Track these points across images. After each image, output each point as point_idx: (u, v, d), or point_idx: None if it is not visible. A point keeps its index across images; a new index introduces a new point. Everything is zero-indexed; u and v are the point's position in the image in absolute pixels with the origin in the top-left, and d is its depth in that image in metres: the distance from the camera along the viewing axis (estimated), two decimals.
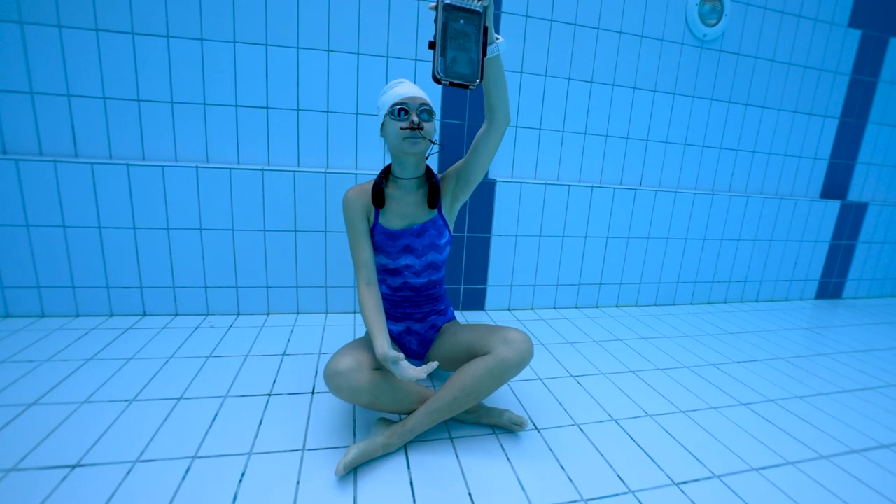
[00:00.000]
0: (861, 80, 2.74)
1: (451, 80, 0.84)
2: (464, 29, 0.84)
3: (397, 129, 1.19)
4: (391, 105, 1.19)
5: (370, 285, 1.25)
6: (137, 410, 1.27)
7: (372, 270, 1.27)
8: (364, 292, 1.24)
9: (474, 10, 0.86)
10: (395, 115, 1.19)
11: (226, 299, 1.98)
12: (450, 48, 0.83)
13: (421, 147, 1.21)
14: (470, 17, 0.85)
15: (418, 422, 1.19)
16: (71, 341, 1.65)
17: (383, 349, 1.11)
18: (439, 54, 0.83)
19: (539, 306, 2.38)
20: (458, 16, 0.84)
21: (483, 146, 1.24)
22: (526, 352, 1.16)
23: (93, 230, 1.80)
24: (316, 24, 1.90)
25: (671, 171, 2.53)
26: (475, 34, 0.86)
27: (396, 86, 1.22)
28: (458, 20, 0.84)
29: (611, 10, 2.21)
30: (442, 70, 0.84)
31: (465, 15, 0.84)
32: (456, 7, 0.84)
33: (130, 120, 1.83)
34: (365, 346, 1.23)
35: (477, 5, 0.86)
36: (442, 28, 0.83)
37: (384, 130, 1.25)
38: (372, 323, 1.17)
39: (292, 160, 2.01)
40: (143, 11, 1.75)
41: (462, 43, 0.84)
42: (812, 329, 2.38)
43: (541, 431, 1.31)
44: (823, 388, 1.71)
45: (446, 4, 0.83)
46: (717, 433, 1.36)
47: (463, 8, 0.85)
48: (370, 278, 1.26)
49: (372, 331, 1.16)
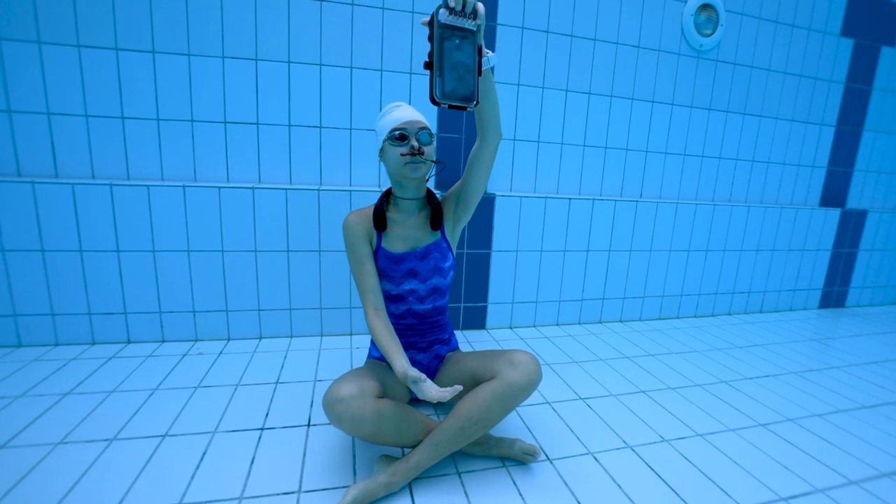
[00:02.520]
0: (855, 89, 2.74)
1: (450, 102, 0.81)
2: (459, 48, 0.82)
3: (397, 155, 1.17)
4: (390, 130, 1.16)
5: (378, 310, 1.21)
6: (117, 451, 1.17)
7: (379, 295, 1.23)
8: (373, 318, 1.19)
9: (469, 28, 0.83)
10: (395, 141, 1.16)
11: (215, 324, 1.89)
12: (447, 68, 0.80)
13: (422, 171, 1.19)
14: (465, 35, 0.83)
15: (423, 457, 1.10)
16: (48, 373, 1.55)
17: (403, 368, 1.06)
18: (437, 75, 0.80)
19: (541, 323, 2.30)
20: (454, 35, 0.81)
21: (478, 163, 1.21)
22: (534, 373, 1.10)
23: (73, 254, 1.70)
24: (307, 37, 1.85)
25: (671, 181, 2.49)
26: (471, 54, 0.83)
27: (394, 110, 1.19)
28: (453, 39, 0.81)
29: (607, 21, 2.18)
30: (440, 92, 0.80)
31: (461, 34, 0.82)
32: (451, 26, 0.81)
33: (114, 138, 1.75)
34: (367, 373, 1.15)
35: (471, 24, 0.83)
36: (438, 48, 0.80)
37: (383, 155, 1.22)
38: (388, 345, 1.13)
39: (284, 177, 1.93)
40: (127, 27, 1.69)
41: (458, 63, 0.81)
42: (820, 340, 2.33)
43: (553, 462, 1.23)
44: (842, 405, 1.64)
45: (441, 23, 0.80)
46: (738, 458, 1.29)
47: (457, 27, 0.82)
48: (378, 303, 1.22)
49: (388, 352, 1.11)
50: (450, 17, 0.81)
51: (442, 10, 0.81)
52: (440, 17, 0.81)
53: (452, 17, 0.81)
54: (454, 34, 0.82)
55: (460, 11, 0.82)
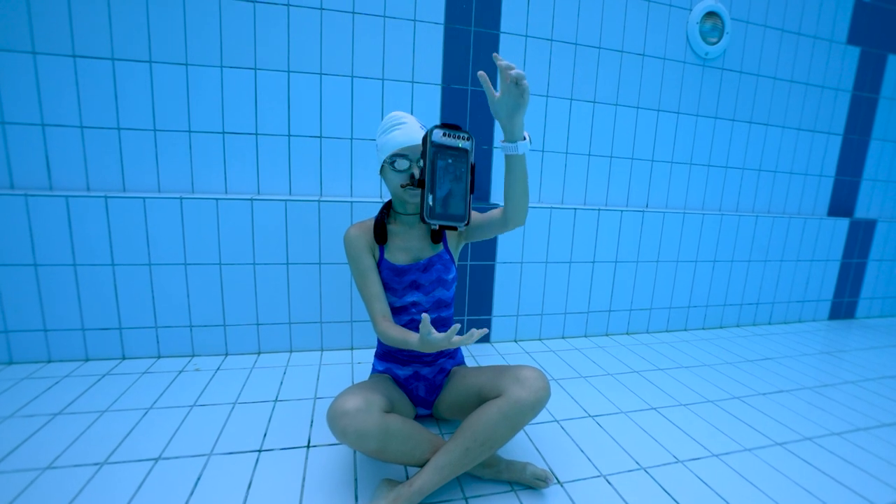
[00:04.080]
0: (862, 97, 2.71)
1: (441, 222, 0.80)
2: (453, 167, 0.81)
3: (397, 181, 1.14)
4: (390, 155, 1.12)
5: (387, 317, 1.17)
6: (108, 476, 1.11)
7: (385, 303, 1.20)
8: (383, 325, 1.15)
9: (461, 147, 0.82)
10: (394, 167, 1.12)
11: (213, 339, 1.83)
12: (438, 188, 0.80)
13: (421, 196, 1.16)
14: (458, 155, 0.82)
15: (427, 480, 1.04)
16: (39, 392, 1.49)
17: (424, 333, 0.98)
18: (428, 191, 0.78)
19: (547, 336, 2.25)
20: (447, 154, 0.81)
21: (492, 230, 1.21)
22: (541, 390, 1.05)
23: (67, 268, 1.66)
24: (307, 46, 1.82)
25: (678, 191, 2.45)
26: (464, 173, 0.83)
27: (395, 130, 1.12)
28: (446, 159, 0.80)
29: (611, 29, 2.16)
30: (429, 213, 0.79)
31: (454, 153, 0.81)
32: (444, 146, 0.81)
33: (110, 149, 1.72)
34: (373, 387, 1.11)
35: (464, 143, 0.83)
36: (430, 167, 0.79)
37: (383, 173, 1.19)
38: (403, 332, 1.08)
39: (283, 188, 1.89)
40: (124, 36, 1.66)
41: (450, 183, 0.80)
42: (832, 353, 2.27)
43: (564, 486, 1.17)
44: (861, 422, 1.59)
45: (435, 143, 0.79)
46: (756, 480, 1.23)
47: (450, 146, 0.81)
48: (386, 311, 1.19)
49: (405, 336, 1.07)
50: (444, 137, 0.80)
51: (436, 129, 0.80)
52: (434, 137, 0.80)
53: (447, 137, 0.80)
54: (447, 153, 0.81)
55: (452, 132, 0.80)
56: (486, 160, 2.09)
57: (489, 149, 2.09)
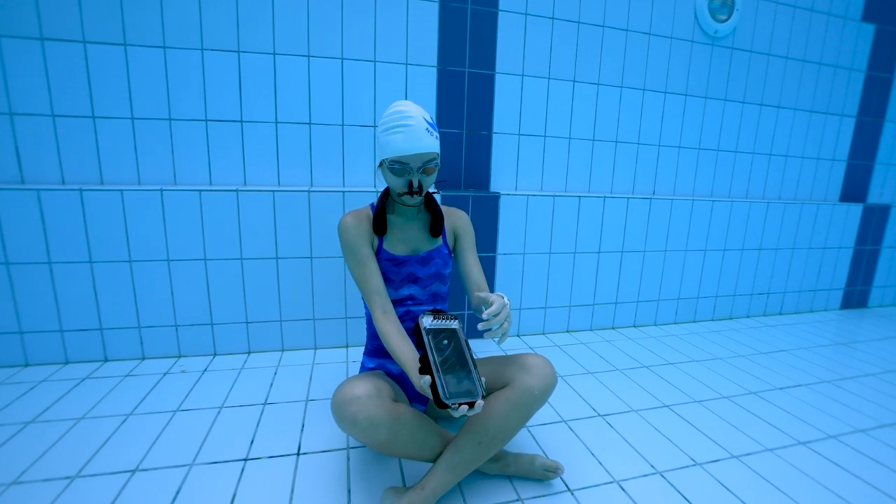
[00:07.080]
0: (877, 77, 2.60)
1: (458, 400, 0.80)
2: (450, 347, 0.85)
3: (395, 183, 1.08)
4: (390, 161, 1.05)
5: (388, 313, 1.09)
6: (78, 491, 1.02)
7: (386, 297, 1.11)
8: (383, 322, 1.07)
9: (451, 328, 0.87)
10: (394, 172, 1.06)
11: (200, 338, 1.74)
12: (444, 371, 0.81)
13: (419, 200, 1.13)
14: (451, 335, 0.86)
15: (440, 481, 0.98)
16: (12, 399, 1.40)
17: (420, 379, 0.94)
18: (438, 376, 0.80)
19: (551, 330, 2.16)
20: (441, 336, 0.85)
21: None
22: (549, 376, 1.03)
23: (41, 266, 1.56)
24: (293, 26, 1.71)
25: (685, 177, 2.35)
26: (462, 349, 0.85)
27: (398, 133, 1.02)
28: (441, 341, 0.84)
29: (616, 6, 2.04)
30: (445, 394, 0.80)
31: (446, 334, 0.85)
32: (436, 329, 0.85)
33: (85, 139, 1.61)
34: (378, 376, 1.05)
35: (453, 323, 0.87)
36: (432, 353, 0.82)
37: (382, 169, 1.12)
38: (402, 355, 1.01)
39: (271, 179, 1.79)
40: (95, 17, 1.55)
41: (453, 361, 0.83)
42: (847, 344, 2.18)
43: (575, 493, 1.08)
44: (886, 418, 1.49)
45: (427, 329, 0.84)
46: (780, 483, 1.14)
47: (443, 328, 0.86)
48: (386, 305, 1.10)
49: (403, 362, 0.99)
50: (434, 321, 0.85)
51: (425, 317, 0.85)
52: (425, 324, 0.83)
53: (436, 321, 0.85)
54: (441, 335, 0.84)
55: (439, 316, 0.86)
56: (486, 146, 1.99)
57: (488, 134, 1.99)
